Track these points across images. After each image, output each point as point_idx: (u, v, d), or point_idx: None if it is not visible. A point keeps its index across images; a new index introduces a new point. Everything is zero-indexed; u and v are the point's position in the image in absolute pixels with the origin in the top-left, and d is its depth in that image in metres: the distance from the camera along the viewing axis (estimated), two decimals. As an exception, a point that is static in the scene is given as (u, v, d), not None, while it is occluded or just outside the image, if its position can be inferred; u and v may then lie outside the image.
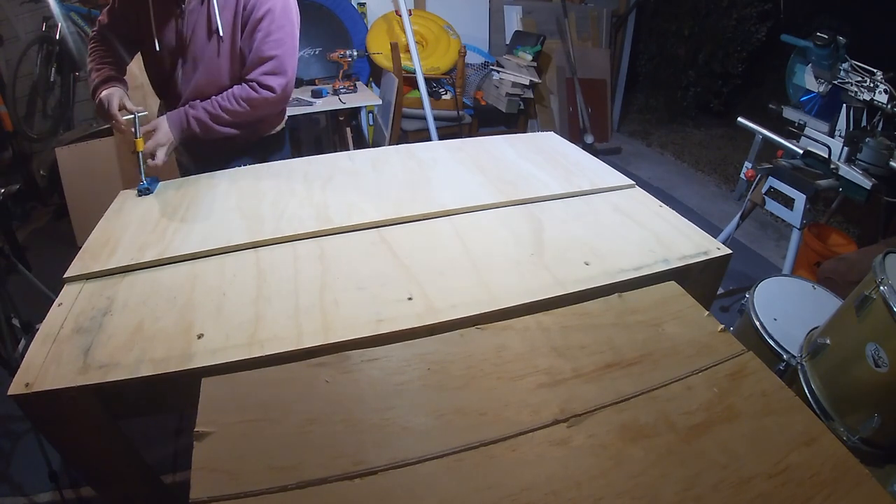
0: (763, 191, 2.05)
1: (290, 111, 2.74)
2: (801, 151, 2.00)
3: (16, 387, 0.75)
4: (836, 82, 1.95)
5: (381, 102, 3.32)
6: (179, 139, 1.40)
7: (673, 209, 1.26)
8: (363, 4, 3.65)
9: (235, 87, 1.40)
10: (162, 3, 1.33)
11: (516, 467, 0.66)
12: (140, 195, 1.32)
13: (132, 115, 1.31)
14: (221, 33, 1.34)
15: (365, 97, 3.14)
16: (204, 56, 1.38)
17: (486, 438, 0.70)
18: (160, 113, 1.55)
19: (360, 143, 3.68)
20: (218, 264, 1.04)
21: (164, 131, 1.36)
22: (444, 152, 1.58)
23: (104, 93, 1.32)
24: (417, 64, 3.20)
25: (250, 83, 1.39)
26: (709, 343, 0.87)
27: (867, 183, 1.79)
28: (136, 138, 1.30)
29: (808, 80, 2.13)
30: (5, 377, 1.46)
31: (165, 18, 1.35)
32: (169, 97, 1.46)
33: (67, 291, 0.97)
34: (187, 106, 1.39)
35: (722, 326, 0.91)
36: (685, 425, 0.72)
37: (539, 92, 4.04)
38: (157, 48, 1.37)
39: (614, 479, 0.65)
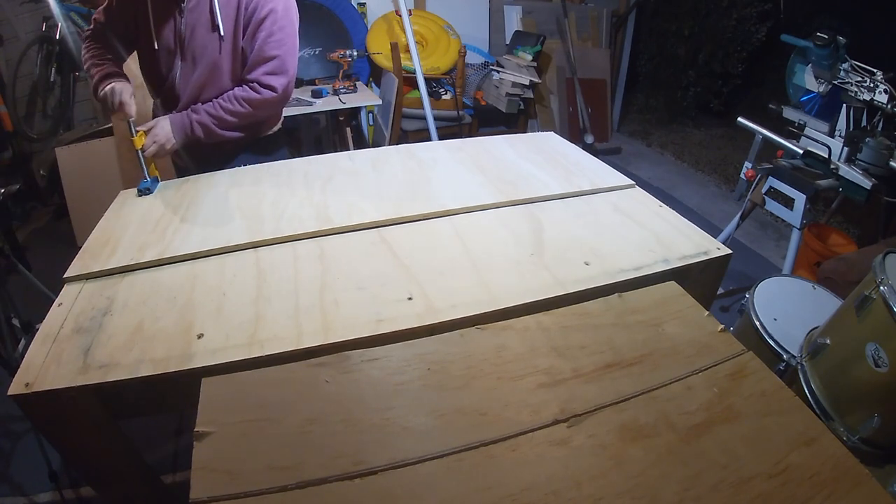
0: (763, 191, 2.05)
1: (291, 111, 2.76)
2: (801, 151, 2.00)
3: (16, 387, 0.75)
4: (836, 82, 1.95)
5: (381, 102, 3.32)
6: (182, 143, 1.40)
7: (673, 209, 1.26)
8: (363, 4, 3.65)
9: (236, 88, 1.40)
10: (162, 2, 1.33)
11: (516, 467, 0.66)
12: (140, 195, 1.32)
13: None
14: (223, 32, 1.34)
15: (365, 97, 3.14)
16: (204, 55, 1.37)
17: (486, 438, 0.70)
18: (154, 112, 1.55)
19: (360, 143, 3.68)
20: (218, 264, 1.04)
21: (165, 131, 1.36)
22: (444, 152, 1.58)
23: (109, 86, 1.32)
24: (417, 64, 3.20)
25: (251, 83, 1.39)
26: (709, 343, 0.87)
27: (867, 183, 1.79)
28: (133, 136, 1.31)
29: (808, 80, 2.13)
30: (5, 377, 1.46)
31: (164, 17, 1.34)
32: (167, 96, 1.46)
33: (67, 291, 0.97)
34: (189, 110, 1.39)
35: (722, 326, 0.91)
36: (685, 425, 0.72)
37: (539, 92, 4.04)
38: (156, 46, 1.37)
39: (614, 479, 0.65)
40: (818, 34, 1.86)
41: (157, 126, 1.36)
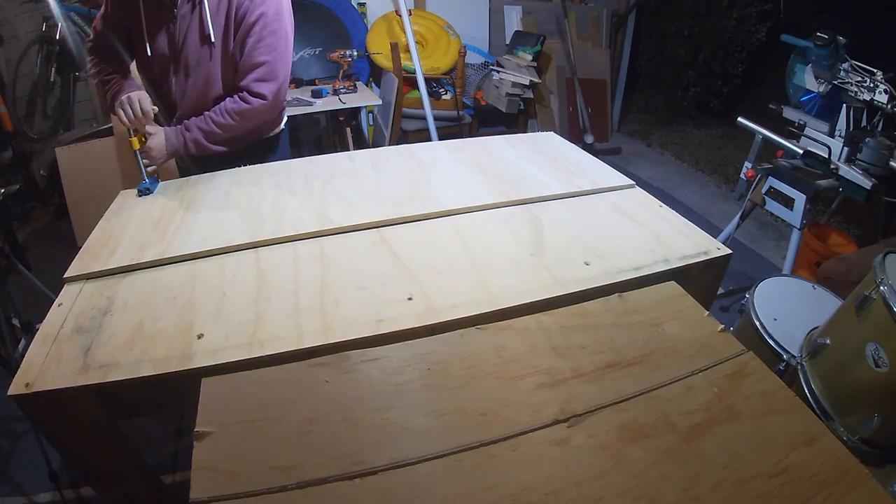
0: (763, 191, 2.05)
1: (291, 111, 2.75)
2: (801, 151, 2.00)
3: (16, 387, 0.75)
4: (836, 82, 1.95)
5: (381, 102, 3.33)
6: (172, 157, 1.42)
7: (673, 209, 1.26)
8: (363, 4, 3.65)
9: (227, 99, 1.38)
10: (154, 10, 1.32)
11: (516, 467, 0.66)
12: (140, 195, 1.32)
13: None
14: (213, 39, 1.33)
15: (365, 97, 3.14)
16: (198, 63, 1.37)
17: (486, 438, 0.70)
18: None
19: (360, 143, 3.68)
20: (218, 264, 1.04)
21: (160, 146, 1.37)
22: (444, 152, 1.58)
23: (126, 95, 1.32)
24: (417, 64, 3.20)
25: (241, 92, 1.37)
26: (709, 343, 0.87)
27: (867, 183, 1.79)
28: (131, 137, 1.31)
29: (808, 80, 2.13)
30: (5, 377, 1.46)
31: (157, 24, 1.33)
32: (163, 104, 1.46)
33: (67, 291, 0.97)
34: (182, 127, 1.39)
35: (722, 326, 0.91)
36: (685, 425, 0.72)
37: (539, 92, 4.04)
38: (149, 54, 1.36)
39: (614, 479, 0.65)
40: (818, 34, 1.86)
41: (153, 140, 1.36)
